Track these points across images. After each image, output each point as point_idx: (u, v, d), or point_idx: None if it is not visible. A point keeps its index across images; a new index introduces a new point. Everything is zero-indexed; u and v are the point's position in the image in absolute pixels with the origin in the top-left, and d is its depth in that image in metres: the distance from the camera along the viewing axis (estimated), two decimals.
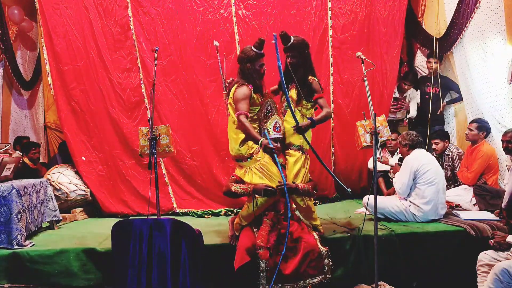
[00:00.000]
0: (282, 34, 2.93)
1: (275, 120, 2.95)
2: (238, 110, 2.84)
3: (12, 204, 3.10)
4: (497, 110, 3.91)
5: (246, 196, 2.97)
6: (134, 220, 2.71)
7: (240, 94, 2.86)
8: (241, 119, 2.81)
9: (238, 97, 2.86)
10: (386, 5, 4.62)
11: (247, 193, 2.88)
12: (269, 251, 2.74)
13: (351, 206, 4.38)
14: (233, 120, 2.95)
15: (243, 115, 2.81)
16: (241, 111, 2.82)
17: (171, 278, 2.60)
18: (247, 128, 2.80)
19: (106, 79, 4.37)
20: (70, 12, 4.31)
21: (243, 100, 2.85)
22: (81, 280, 3.00)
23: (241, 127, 2.86)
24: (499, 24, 3.80)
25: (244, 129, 2.83)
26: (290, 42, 2.92)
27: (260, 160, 2.91)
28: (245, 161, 2.95)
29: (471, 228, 3.16)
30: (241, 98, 2.85)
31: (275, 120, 2.95)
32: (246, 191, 2.87)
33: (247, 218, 2.98)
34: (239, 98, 2.85)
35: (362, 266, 3.05)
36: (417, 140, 3.56)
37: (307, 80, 2.99)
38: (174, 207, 4.39)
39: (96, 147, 4.43)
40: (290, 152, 3.03)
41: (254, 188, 2.84)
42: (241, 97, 2.85)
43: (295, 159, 2.99)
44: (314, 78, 3.02)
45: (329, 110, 2.98)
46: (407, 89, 4.93)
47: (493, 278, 2.41)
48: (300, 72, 2.97)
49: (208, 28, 4.38)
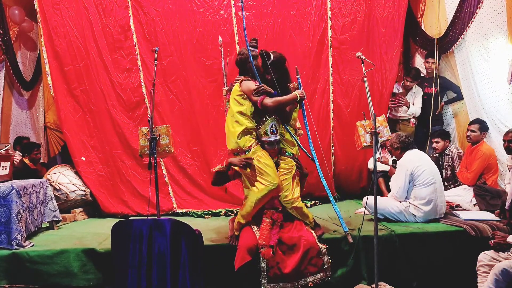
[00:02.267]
0: (262, 53, 3.03)
1: (272, 123, 2.98)
2: (254, 99, 2.88)
3: (12, 204, 3.11)
4: (499, 110, 3.91)
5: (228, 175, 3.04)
6: (134, 221, 2.71)
7: (251, 84, 2.91)
8: (267, 101, 2.85)
9: (250, 87, 2.90)
10: (385, 5, 4.63)
11: (226, 167, 2.97)
12: (272, 249, 2.76)
13: (351, 206, 4.38)
14: (232, 113, 2.98)
15: (266, 97, 2.86)
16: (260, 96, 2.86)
17: (171, 278, 2.60)
18: (279, 100, 2.90)
19: (107, 79, 4.39)
20: (71, 13, 4.32)
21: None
22: (81, 281, 3.00)
23: (274, 105, 2.87)
24: (501, 24, 3.80)
25: (278, 104, 2.89)
26: (271, 59, 3.05)
27: (257, 152, 2.91)
28: (242, 155, 2.95)
29: (471, 228, 3.16)
30: (253, 88, 2.90)
31: (271, 123, 2.97)
32: (223, 164, 2.99)
33: (247, 217, 2.99)
34: (251, 88, 2.89)
35: (362, 267, 3.05)
36: (408, 141, 3.54)
37: (288, 87, 3.11)
38: (174, 207, 4.40)
39: (96, 147, 4.43)
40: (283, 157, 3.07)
41: (230, 161, 2.94)
42: (253, 87, 2.90)
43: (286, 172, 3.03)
44: (292, 85, 3.17)
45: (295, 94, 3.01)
46: (411, 86, 4.90)
47: (493, 278, 2.41)
48: (283, 84, 3.07)
49: (208, 29, 4.39)
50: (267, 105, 2.86)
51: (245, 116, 2.94)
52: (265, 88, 2.85)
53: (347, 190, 4.88)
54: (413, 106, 4.85)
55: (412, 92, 4.92)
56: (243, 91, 2.93)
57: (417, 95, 4.89)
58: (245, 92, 2.92)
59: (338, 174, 4.81)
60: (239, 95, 2.95)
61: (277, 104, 2.88)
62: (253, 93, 2.86)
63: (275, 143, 2.98)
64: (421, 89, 4.91)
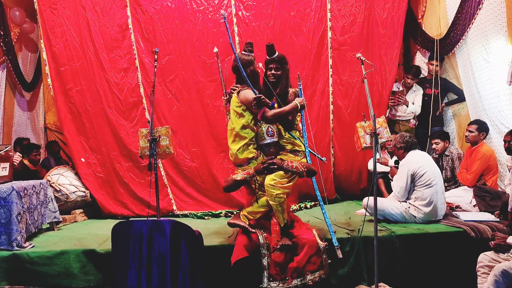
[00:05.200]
0: (269, 45, 2.98)
1: (267, 126, 2.97)
2: (254, 111, 2.83)
3: (12, 205, 3.11)
4: (500, 111, 3.91)
5: (247, 183, 2.96)
6: (134, 222, 2.72)
7: (250, 94, 2.84)
8: (268, 113, 2.78)
9: (249, 98, 2.82)
10: (385, 6, 4.63)
11: (250, 176, 2.88)
12: (284, 254, 2.79)
13: (351, 207, 4.38)
14: (231, 127, 2.96)
15: (266, 110, 2.78)
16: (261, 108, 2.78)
17: (171, 279, 2.60)
18: (281, 111, 2.82)
19: (103, 79, 4.37)
20: (68, 12, 4.31)
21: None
22: (81, 282, 3.00)
23: (276, 117, 2.82)
24: (501, 25, 3.80)
25: (279, 115, 2.82)
26: (275, 54, 3.00)
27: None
28: (245, 166, 2.96)
29: (471, 229, 3.15)
30: (251, 98, 2.82)
31: (267, 126, 2.97)
32: (249, 174, 2.87)
33: (252, 213, 3.01)
34: (249, 99, 2.82)
35: (362, 267, 3.05)
36: (412, 141, 3.54)
37: (288, 92, 3.05)
38: (174, 209, 4.39)
39: (93, 148, 4.42)
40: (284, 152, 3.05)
41: (255, 169, 2.86)
42: (251, 98, 2.82)
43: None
44: (293, 90, 3.09)
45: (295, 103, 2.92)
46: (411, 83, 4.89)
47: (493, 279, 2.41)
48: (283, 85, 3.03)
49: (208, 28, 4.38)
50: (268, 118, 2.82)
51: (248, 128, 2.92)
52: (264, 99, 2.77)
53: (347, 191, 4.88)
54: (412, 105, 4.84)
55: (412, 91, 4.92)
56: (242, 102, 2.89)
57: (417, 94, 4.89)
58: (244, 103, 2.88)
59: (337, 175, 4.81)
60: (239, 106, 2.91)
61: (277, 117, 2.84)
62: (253, 105, 2.79)
63: (272, 144, 2.97)
64: (422, 89, 4.91)
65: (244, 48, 3.04)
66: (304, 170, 2.87)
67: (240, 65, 2.83)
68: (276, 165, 2.79)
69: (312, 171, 2.94)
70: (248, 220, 3.02)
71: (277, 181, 2.83)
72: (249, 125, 2.92)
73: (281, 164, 2.82)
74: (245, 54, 2.99)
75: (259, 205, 2.97)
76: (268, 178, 2.86)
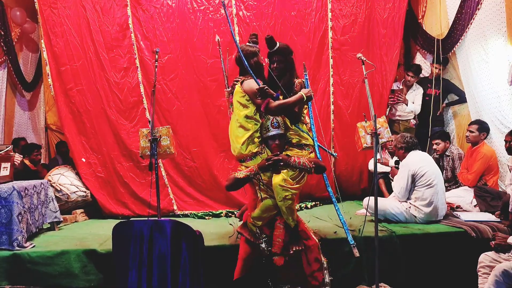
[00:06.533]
0: (268, 37, 2.87)
1: (273, 117, 2.82)
2: (257, 102, 2.70)
3: (13, 205, 3.10)
4: (500, 111, 3.90)
5: (250, 182, 2.80)
6: (135, 222, 2.72)
7: (254, 84, 2.72)
8: (272, 104, 2.66)
9: (253, 88, 2.70)
10: (385, 7, 4.63)
11: (254, 174, 2.71)
12: (284, 258, 2.69)
13: (351, 207, 4.37)
14: (236, 118, 2.82)
15: (270, 101, 2.66)
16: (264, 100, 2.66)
17: (172, 279, 2.60)
18: (285, 102, 2.69)
19: (103, 79, 4.37)
20: (68, 12, 4.32)
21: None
22: (81, 282, 3.00)
23: (280, 108, 2.69)
24: (500, 26, 3.80)
25: (283, 106, 2.70)
26: (276, 46, 2.88)
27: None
28: (248, 161, 2.80)
29: (472, 230, 3.16)
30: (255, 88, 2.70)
31: (272, 117, 2.82)
32: (252, 171, 2.70)
33: (260, 219, 2.80)
34: (254, 89, 2.70)
35: (362, 268, 3.05)
36: (412, 142, 3.54)
37: (293, 83, 2.92)
38: (174, 209, 4.39)
39: (94, 148, 4.42)
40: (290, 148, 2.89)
41: (259, 166, 2.70)
42: (255, 88, 2.70)
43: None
44: (299, 80, 2.95)
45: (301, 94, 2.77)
46: (412, 81, 4.87)
47: (493, 280, 2.41)
48: (287, 77, 2.91)
49: (208, 27, 4.37)
50: (272, 110, 2.69)
51: (252, 120, 2.77)
52: (268, 90, 2.65)
53: (347, 191, 4.88)
54: (412, 104, 4.83)
55: (412, 90, 4.92)
56: (245, 91, 2.76)
57: (417, 94, 4.88)
58: (248, 93, 2.75)
59: (338, 175, 4.80)
60: (242, 97, 2.78)
61: (281, 108, 2.71)
62: (256, 95, 2.68)
63: (277, 136, 2.78)
64: (422, 88, 4.91)
65: (248, 40, 2.95)
66: (313, 167, 2.70)
67: (242, 55, 2.72)
68: (282, 161, 2.63)
69: (321, 167, 2.77)
70: (256, 228, 2.81)
71: (287, 181, 2.66)
72: (253, 117, 2.78)
73: (287, 160, 2.66)
74: (249, 45, 2.89)
75: (264, 209, 2.76)
76: (277, 178, 2.66)
